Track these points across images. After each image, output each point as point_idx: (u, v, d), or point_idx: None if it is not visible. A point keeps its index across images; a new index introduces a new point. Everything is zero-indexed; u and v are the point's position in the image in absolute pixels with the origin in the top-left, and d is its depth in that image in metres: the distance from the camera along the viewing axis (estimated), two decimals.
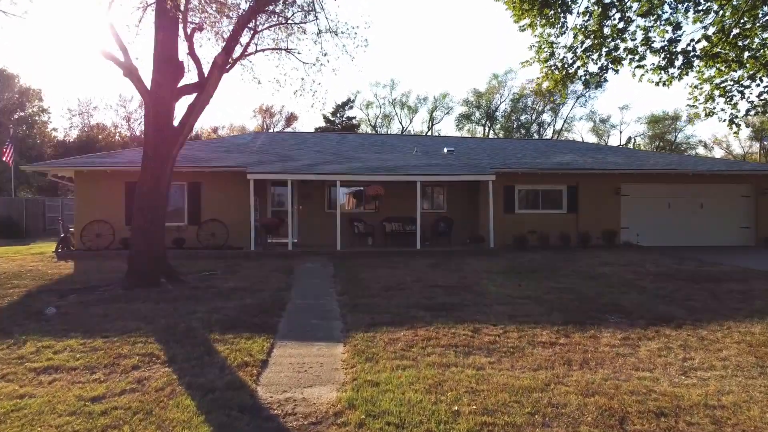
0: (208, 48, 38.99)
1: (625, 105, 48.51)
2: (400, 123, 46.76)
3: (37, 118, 46.24)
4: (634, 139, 46.18)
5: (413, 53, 67.97)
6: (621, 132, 45.51)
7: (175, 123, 9.42)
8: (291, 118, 47.26)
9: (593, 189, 17.13)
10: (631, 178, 17.14)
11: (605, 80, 11.45)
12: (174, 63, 9.13)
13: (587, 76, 11.47)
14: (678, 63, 10.94)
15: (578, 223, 17.06)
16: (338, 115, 43.88)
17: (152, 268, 9.06)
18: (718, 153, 48.54)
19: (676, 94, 67.54)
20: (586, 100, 43.92)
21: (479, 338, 6.25)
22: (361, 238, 16.79)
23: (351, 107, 45.29)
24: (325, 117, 43.34)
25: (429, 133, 43.14)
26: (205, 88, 9.42)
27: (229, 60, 9.68)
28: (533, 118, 44.55)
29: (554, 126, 44.60)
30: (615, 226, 16.92)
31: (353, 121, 44.19)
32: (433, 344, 5.99)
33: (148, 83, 9.23)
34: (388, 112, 48.47)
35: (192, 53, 10.60)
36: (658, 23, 11.18)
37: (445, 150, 18.40)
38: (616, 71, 11.48)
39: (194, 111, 9.42)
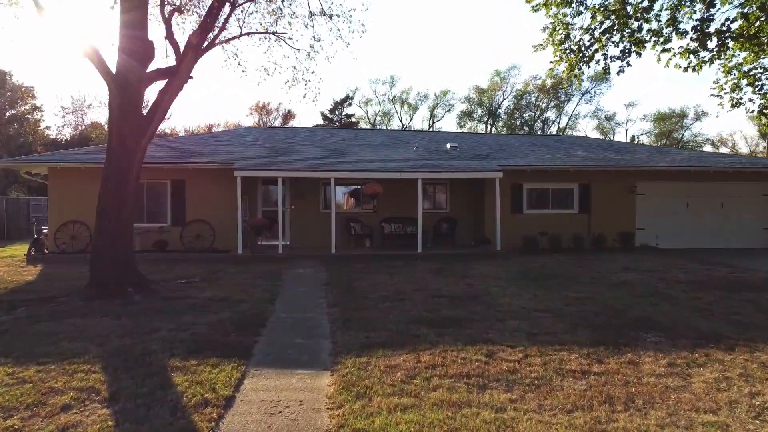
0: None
1: (631, 102, 47.37)
2: (400, 120, 45.68)
3: (29, 117, 45.23)
4: (638, 138, 45.00)
5: (413, 49, 66.91)
6: (627, 130, 44.43)
7: (145, 113, 8.32)
8: (288, 116, 46.17)
9: (607, 187, 16.04)
10: (648, 175, 16.04)
11: (628, 65, 10.36)
12: (142, 43, 8.04)
13: (607, 60, 10.40)
14: (711, 45, 9.88)
15: (591, 224, 15.97)
16: (336, 112, 42.80)
17: (118, 276, 7.97)
18: (725, 152, 47.44)
19: (684, 90, 66.32)
20: (591, 97, 42.86)
21: (495, 365, 5.16)
22: (358, 240, 15.70)
23: (350, 104, 44.26)
24: (323, 114, 42.28)
25: (430, 130, 41.93)
26: (179, 71, 8.33)
27: (206, 39, 8.59)
28: (537, 115, 43.43)
29: (558, 123, 43.53)
30: (630, 227, 15.82)
31: (352, 118, 43.08)
32: (439, 373, 4.90)
33: (113, 67, 8.13)
34: (387, 110, 47.44)
35: (170, 36, 9.53)
36: (686, 1, 10.11)
37: (448, 146, 17.31)
38: (639, 54, 10.40)
39: (166, 97, 8.33)
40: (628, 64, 10.05)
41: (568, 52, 10.64)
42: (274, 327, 6.72)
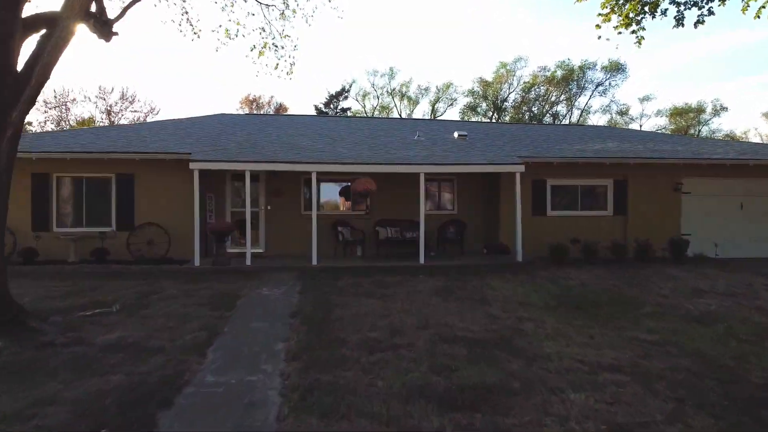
0: None
1: (646, 96, 44.21)
2: (400, 115, 42.94)
3: None
4: None
5: (414, 39, 64.10)
6: (641, 126, 41.67)
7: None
8: (280, 110, 43.41)
9: (647, 184, 13.36)
10: (697, 170, 13.33)
11: (710, 12, 7.66)
12: None
13: (682, 7, 7.70)
14: None
15: (627, 228, 13.29)
16: (332, 105, 40.08)
17: None
18: None
19: (700, 84, 63.46)
20: (605, 89, 40.02)
21: None
22: (347, 247, 13.02)
23: (346, 97, 41.50)
24: (317, 108, 39.57)
25: (434, 119, 39.03)
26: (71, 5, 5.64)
27: None
28: (546, 109, 40.70)
29: (570, 118, 40.79)
30: (673, 232, 13.13)
31: (348, 112, 40.40)
32: None
33: None
34: (386, 103, 44.68)
35: None
36: None
37: (456, 134, 14.60)
38: (722, 1, 7.74)
39: (47, 48, 5.67)
40: (710, 12, 7.36)
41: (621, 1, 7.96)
42: (187, 405, 4.05)
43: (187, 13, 9.33)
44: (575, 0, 8.00)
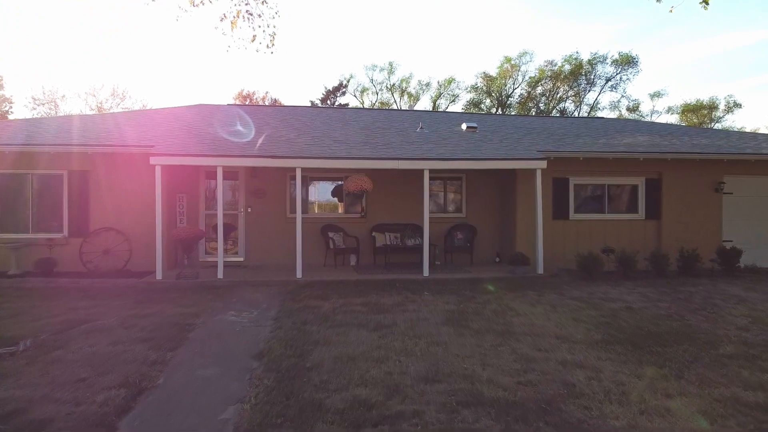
0: None
1: (657, 92, 42.10)
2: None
3: None
4: None
5: (414, 33, 62.22)
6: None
7: None
8: (275, 105, 41.65)
9: (684, 183, 11.63)
10: (741, 167, 11.59)
11: None
12: None
13: None
14: None
15: (661, 233, 11.56)
16: (329, 101, 38.31)
17: None
18: None
19: (715, 77, 61.60)
20: (616, 84, 38.19)
21: None
22: (339, 256, 11.27)
23: (343, 93, 39.71)
24: (312, 104, 37.81)
25: (439, 111, 37.16)
26: None
27: None
28: (552, 105, 38.92)
29: (579, 114, 38.97)
30: (714, 239, 11.41)
31: (345, 108, 38.60)
32: None
33: None
34: (385, 99, 42.88)
35: None
36: None
37: (464, 126, 12.85)
38: None
39: None
40: None
41: None
42: None
43: None
44: None
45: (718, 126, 40.22)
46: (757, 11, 56.99)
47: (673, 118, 41.00)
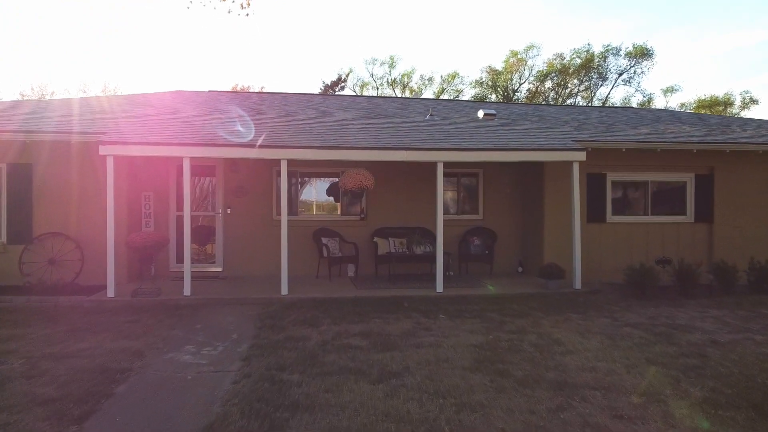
0: None
1: (670, 87, 40.11)
2: None
3: None
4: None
5: (416, 25, 60.16)
6: None
7: None
8: (263, 92, 39.73)
9: (739, 180, 9.91)
10: None
11: None
12: None
13: None
14: None
15: (713, 239, 9.84)
16: (327, 96, 36.55)
17: None
18: None
19: (730, 73, 59.56)
20: (630, 77, 36.40)
21: None
22: (334, 265, 9.51)
23: (342, 88, 37.93)
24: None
25: (448, 99, 35.20)
26: None
27: None
28: (561, 101, 37.14)
29: None
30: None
31: (343, 96, 36.82)
32: None
33: None
34: (386, 95, 41.06)
35: None
36: None
37: (482, 113, 11.08)
38: None
39: None
40: None
41: None
42: None
43: None
44: None
45: None
46: None
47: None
